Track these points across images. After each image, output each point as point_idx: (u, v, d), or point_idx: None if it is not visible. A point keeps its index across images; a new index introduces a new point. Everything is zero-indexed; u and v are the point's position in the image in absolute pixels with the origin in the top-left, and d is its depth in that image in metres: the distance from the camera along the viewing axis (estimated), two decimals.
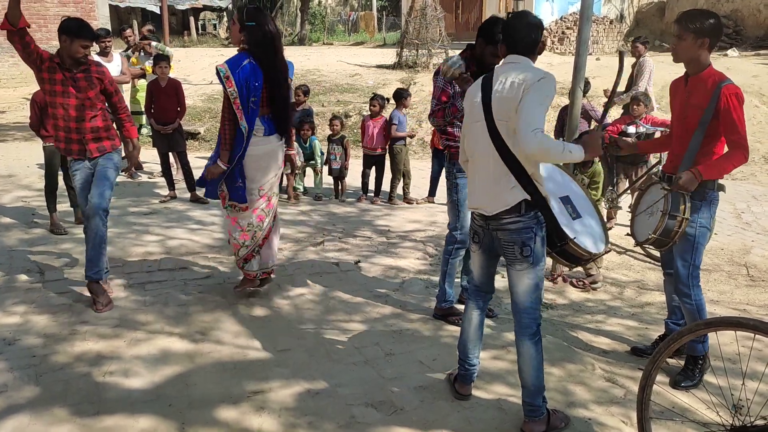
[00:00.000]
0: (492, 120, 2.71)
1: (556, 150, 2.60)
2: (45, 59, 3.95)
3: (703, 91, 3.19)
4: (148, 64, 7.66)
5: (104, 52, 7.40)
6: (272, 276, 4.45)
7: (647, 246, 3.57)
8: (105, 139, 4.20)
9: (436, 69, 3.95)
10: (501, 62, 2.84)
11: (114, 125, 4.40)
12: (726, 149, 3.23)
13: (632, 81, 7.75)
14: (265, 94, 3.95)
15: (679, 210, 3.20)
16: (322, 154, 7.54)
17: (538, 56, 2.84)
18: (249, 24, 3.87)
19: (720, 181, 3.27)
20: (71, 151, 4.15)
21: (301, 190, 7.55)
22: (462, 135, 3.05)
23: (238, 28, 3.90)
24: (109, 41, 7.44)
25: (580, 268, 4.92)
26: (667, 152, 3.78)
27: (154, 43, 8.06)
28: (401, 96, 7.34)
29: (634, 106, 6.16)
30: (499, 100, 2.70)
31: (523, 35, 2.75)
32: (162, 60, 6.95)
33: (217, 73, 3.87)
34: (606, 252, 3.26)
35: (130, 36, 8.41)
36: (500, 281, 3.84)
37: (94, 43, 7.41)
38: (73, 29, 3.91)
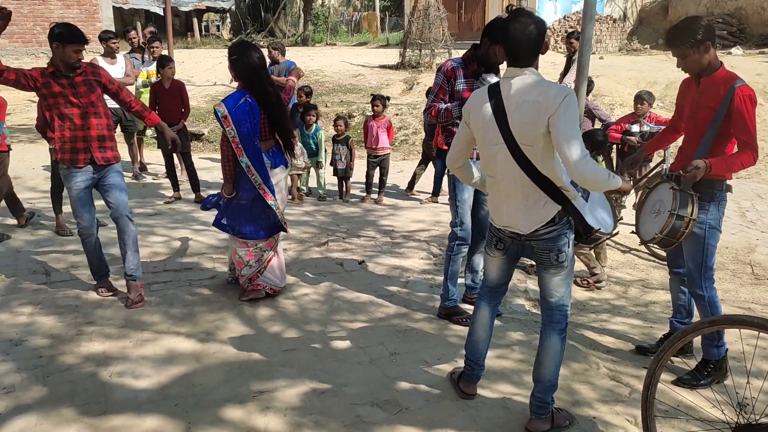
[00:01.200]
0: (515, 144, 2.62)
1: (604, 177, 2.58)
2: (37, 77, 3.90)
3: (715, 92, 3.16)
4: (152, 69, 7.65)
5: (111, 54, 7.42)
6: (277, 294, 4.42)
7: (652, 245, 3.57)
8: (109, 150, 4.20)
9: (439, 66, 3.97)
10: (504, 75, 2.70)
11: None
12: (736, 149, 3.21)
13: (566, 72, 8.01)
14: (267, 127, 4.07)
15: (686, 211, 3.17)
16: (326, 150, 7.55)
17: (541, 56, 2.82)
18: (232, 58, 3.97)
19: (728, 181, 3.25)
20: (77, 161, 4.09)
21: (305, 190, 7.57)
22: (452, 150, 2.99)
23: (230, 66, 4.03)
24: (116, 43, 7.46)
25: (584, 267, 4.93)
26: (669, 148, 3.81)
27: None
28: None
29: (638, 105, 6.16)
30: (521, 125, 2.59)
31: (525, 42, 2.59)
32: (169, 61, 6.97)
33: (215, 113, 3.94)
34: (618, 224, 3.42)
35: (134, 38, 8.43)
36: None
37: (101, 45, 7.49)
38: (65, 35, 3.88)
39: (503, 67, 3.10)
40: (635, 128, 6.08)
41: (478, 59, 3.81)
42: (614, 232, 3.23)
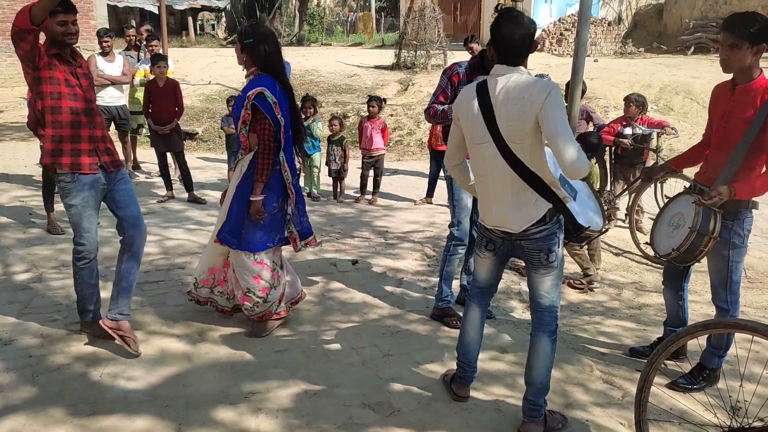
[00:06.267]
0: (503, 141, 2.61)
1: (586, 168, 2.55)
2: (43, 54, 3.24)
3: (751, 103, 2.97)
4: (147, 67, 7.62)
5: (105, 52, 7.38)
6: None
7: (666, 259, 3.42)
8: (115, 153, 3.60)
9: (445, 68, 3.95)
10: (492, 72, 2.70)
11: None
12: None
13: None
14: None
15: (708, 229, 3.03)
16: (320, 150, 7.54)
17: (532, 54, 2.79)
18: (247, 42, 3.49)
19: (755, 198, 3.08)
20: (80, 165, 3.39)
21: (307, 191, 7.53)
22: (448, 148, 2.97)
23: (240, 48, 3.55)
24: (107, 41, 7.42)
25: (578, 269, 4.93)
26: (663, 150, 3.72)
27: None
28: None
29: (627, 107, 6.18)
30: (507, 123, 2.58)
31: (516, 42, 2.61)
32: (160, 60, 6.94)
33: (264, 100, 3.43)
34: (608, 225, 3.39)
35: (132, 35, 8.40)
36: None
37: (96, 43, 7.43)
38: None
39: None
40: (628, 131, 6.10)
41: (485, 67, 3.74)
42: (603, 230, 3.20)
